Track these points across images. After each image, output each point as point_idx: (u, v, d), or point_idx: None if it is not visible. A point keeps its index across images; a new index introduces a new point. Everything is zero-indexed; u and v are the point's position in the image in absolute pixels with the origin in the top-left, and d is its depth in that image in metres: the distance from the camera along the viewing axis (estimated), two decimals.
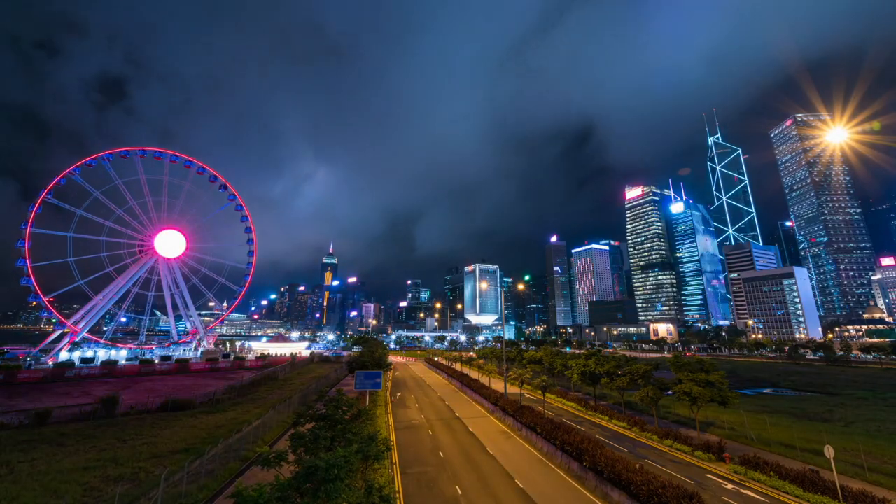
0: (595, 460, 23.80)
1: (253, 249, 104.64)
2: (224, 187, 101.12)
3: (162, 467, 23.81)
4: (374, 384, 46.21)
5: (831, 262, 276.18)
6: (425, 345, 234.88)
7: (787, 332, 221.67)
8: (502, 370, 63.12)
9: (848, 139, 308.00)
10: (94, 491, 21.32)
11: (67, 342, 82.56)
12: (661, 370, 47.56)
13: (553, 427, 31.02)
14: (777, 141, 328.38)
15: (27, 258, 78.89)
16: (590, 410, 45.88)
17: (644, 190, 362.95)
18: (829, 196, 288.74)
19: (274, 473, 14.60)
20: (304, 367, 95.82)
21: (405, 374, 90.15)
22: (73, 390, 53.01)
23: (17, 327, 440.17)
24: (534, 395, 57.06)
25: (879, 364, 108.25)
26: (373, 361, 63.78)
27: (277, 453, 14.93)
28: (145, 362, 77.61)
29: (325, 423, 20.96)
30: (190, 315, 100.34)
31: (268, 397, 51.96)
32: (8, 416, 34.54)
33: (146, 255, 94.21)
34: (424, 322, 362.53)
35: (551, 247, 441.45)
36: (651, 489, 19.61)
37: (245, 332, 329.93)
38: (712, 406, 34.67)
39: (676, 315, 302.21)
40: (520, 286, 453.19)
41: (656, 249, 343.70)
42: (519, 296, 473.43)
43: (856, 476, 25.77)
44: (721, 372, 34.92)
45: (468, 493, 23.34)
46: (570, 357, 63.16)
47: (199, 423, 36.42)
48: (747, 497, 23.01)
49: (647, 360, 57.53)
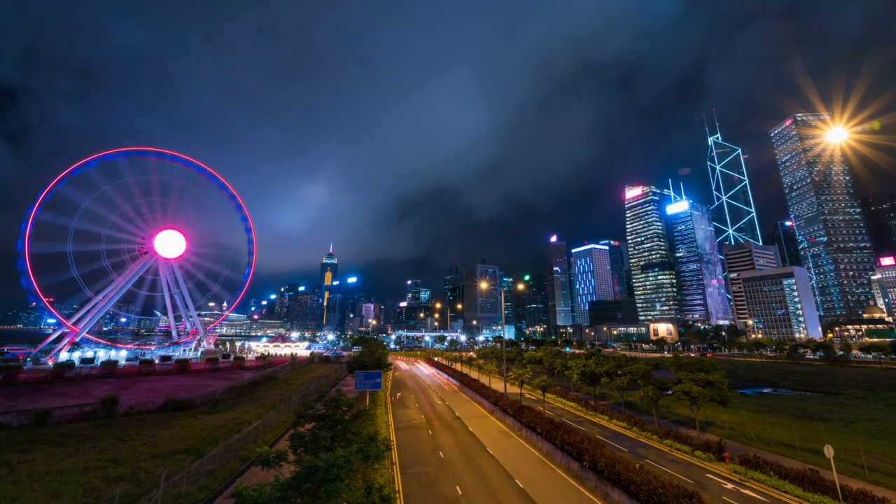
0: (595, 460, 23.81)
1: (253, 249, 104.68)
2: (224, 187, 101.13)
3: (162, 467, 23.80)
4: (374, 384, 46.17)
5: (831, 261, 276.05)
6: (425, 345, 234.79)
7: (787, 331, 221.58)
8: (502, 370, 63.11)
9: (848, 139, 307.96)
10: (95, 491, 21.32)
11: (67, 342, 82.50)
12: (660, 370, 47.59)
13: (553, 427, 31.03)
14: (777, 141, 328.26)
15: (27, 259, 78.81)
16: (590, 410, 45.88)
17: (644, 190, 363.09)
18: (829, 196, 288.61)
19: (274, 473, 14.59)
20: (304, 368, 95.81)
21: (405, 374, 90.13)
22: (73, 391, 52.96)
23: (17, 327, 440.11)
24: (534, 394, 57.04)
25: (879, 364, 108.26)
26: (373, 361, 63.73)
27: (277, 453, 14.90)
28: (145, 362, 77.53)
29: (325, 423, 20.93)
30: (190, 315, 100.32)
31: (268, 397, 51.96)
32: (8, 417, 34.53)
33: (146, 255, 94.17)
34: (424, 322, 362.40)
35: (551, 247, 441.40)
36: (651, 489, 19.61)
37: (245, 332, 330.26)
38: (712, 406, 34.70)
39: (676, 315, 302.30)
40: (520, 286, 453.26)
41: (656, 249, 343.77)
42: (519, 296, 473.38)
43: (856, 476, 25.78)
44: (721, 371, 34.96)
45: (468, 493, 23.34)
46: (570, 357, 63.18)
47: (199, 424, 36.42)
48: (747, 497, 23.01)
49: (647, 359, 57.58)
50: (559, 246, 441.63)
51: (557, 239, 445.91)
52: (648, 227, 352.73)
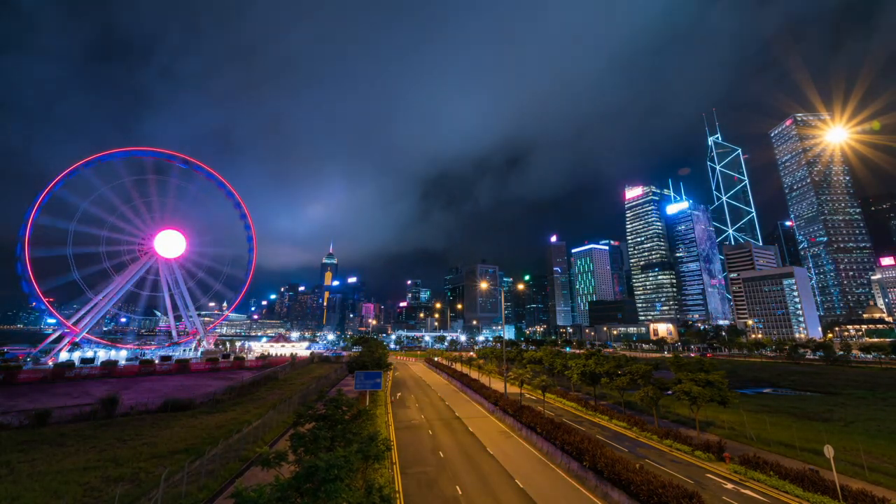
0: (595, 460, 23.80)
1: (252, 249, 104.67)
2: (223, 186, 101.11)
3: (162, 467, 23.79)
4: (374, 384, 46.19)
5: (831, 261, 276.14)
6: (425, 345, 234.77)
7: (786, 331, 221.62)
8: (502, 370, 63.09)
9: (848, 139, 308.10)
10: (95, 491, 21.31)
11: (67, 342, 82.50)
12: (660, 370, 47.59)
13: (553, 427, 31.03)
14: (777, 141, 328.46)
15: (27, 259, 78.80)
16: (590, 410, 45.88)
17: (644, 190, 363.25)
18: (829, 196, 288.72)
19: (274, 473, 14.59)
20: (304, 368, 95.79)
21: (405, 374, 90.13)
22: (73, 391, 52.95)
23: (17, 327, 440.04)
24: (534, 395, 57.05)
25: (879, 364, 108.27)
26: (373, 361, 63.73)
27: (277, 453, 14.90)
28: (145, 362, 77.51)
29: (325, 423, 20.92)
30: (190, 315, 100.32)
31: (268, 397, 51.95)
32: (8, 417, 34.54)
33: (146, 255, 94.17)
34: (424, 322, 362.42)
35: (551, 247, 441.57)
36: (651, 489, 19.61)
37: (245, 332, 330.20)
38: (712, 406, 34.71)
39: (676, 315, 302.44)
40: (520, 286, 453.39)
41: (656, 249, 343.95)
42: (519, 296, 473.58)
43: (856, 475, 25.78)
44: (721, 371, 34.97)
45: (468, 493, 23.34)
46: (570, 357, 63.16)
47: (199, 424, 36.41)
48: (747, 497, 23.01)
49: (647, 359, 57.58)
50: (559, 246, 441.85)
51: (557, 239, 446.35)
52: (648, 227, 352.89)
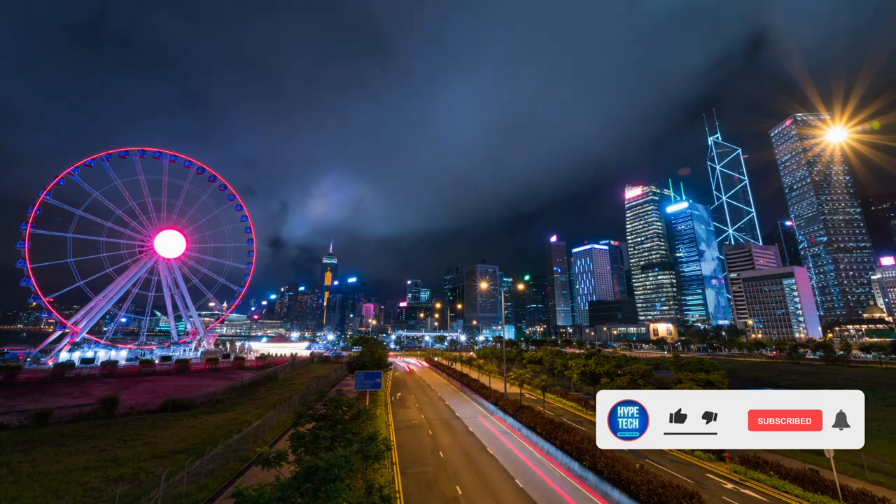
0: (595, 460, 23.82)
1: (253, 249, 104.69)
2: (224, 187, 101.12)
3: (162, 467, 23.80)
4: (374, 384, 46.19)
5: (831, 261, 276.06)
6: (425, 345, 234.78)
7: (786, 331, 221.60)
8: (502, 370, 63.10)
9: (848, 139, 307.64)
10: (95, 491, 21.33)
11: (67, 343, 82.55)
12: (661, 370, 47.65)
13: (553, 427, 31.05)
14: (777, 141, 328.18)
15: (27, 259, 78.91)
16: (590, 410, 45.86)
17: (644, 190, 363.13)
18: (829, 196, 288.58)
19: (274, 473, 14.59)
20: (304, 368, 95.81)
21: (405, 374, 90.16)
22: (73, 391, 52.93)
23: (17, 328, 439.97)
24: (534, 395, 57.04)
25: (879, 363, 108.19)
26: (373, 361, 63.79)
27: (277, 453, 14.90)
28: (145, 363, 77.51)
29: (325, 423, 20.95)
30: (190, 315, 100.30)
31: (268, 397, 51.96)
32: (8, 417, 34.51)
33: (146, 255, 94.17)
34: (424, 322, 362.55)
35: (551, 247, 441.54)
36: (651, 489, 19.63)
37: (245, 332, 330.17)
38: None
39: (676, 315, 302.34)
40: (520, 286, 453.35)
41: (656, 249, 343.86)
42: (519, 296, 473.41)
43: (856, 475, 25.80)
44: (721, 371, 35.04)
45: (468, 493, 23.35)
46: (570, 357, 63.23)
47: (199, 424, 36.42)
48: (747, 496, 23.03)
49: (647, 359, 57.63)
50: (559, 246, 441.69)
51: (557, 239, 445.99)
52: (648, 226, 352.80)
